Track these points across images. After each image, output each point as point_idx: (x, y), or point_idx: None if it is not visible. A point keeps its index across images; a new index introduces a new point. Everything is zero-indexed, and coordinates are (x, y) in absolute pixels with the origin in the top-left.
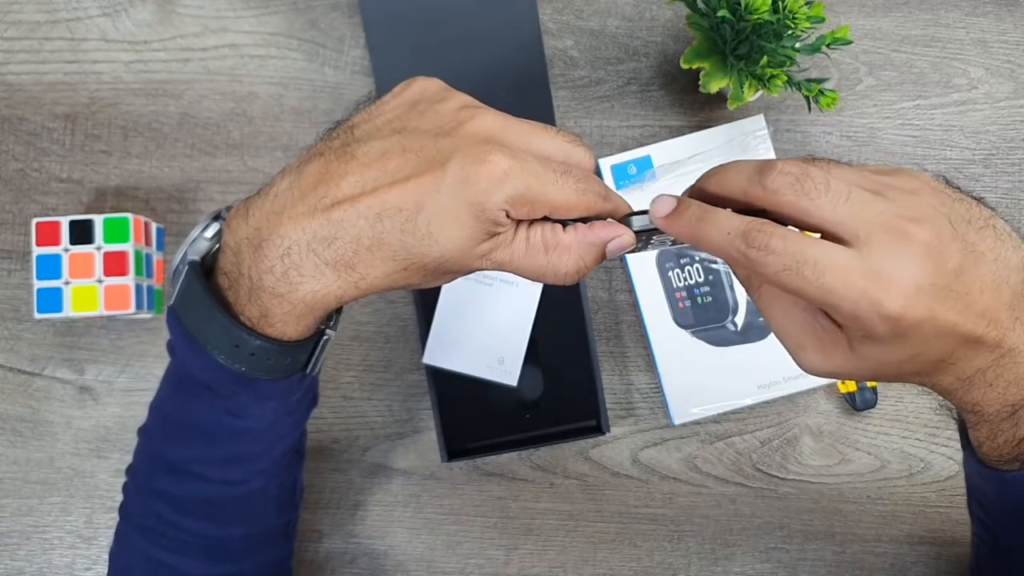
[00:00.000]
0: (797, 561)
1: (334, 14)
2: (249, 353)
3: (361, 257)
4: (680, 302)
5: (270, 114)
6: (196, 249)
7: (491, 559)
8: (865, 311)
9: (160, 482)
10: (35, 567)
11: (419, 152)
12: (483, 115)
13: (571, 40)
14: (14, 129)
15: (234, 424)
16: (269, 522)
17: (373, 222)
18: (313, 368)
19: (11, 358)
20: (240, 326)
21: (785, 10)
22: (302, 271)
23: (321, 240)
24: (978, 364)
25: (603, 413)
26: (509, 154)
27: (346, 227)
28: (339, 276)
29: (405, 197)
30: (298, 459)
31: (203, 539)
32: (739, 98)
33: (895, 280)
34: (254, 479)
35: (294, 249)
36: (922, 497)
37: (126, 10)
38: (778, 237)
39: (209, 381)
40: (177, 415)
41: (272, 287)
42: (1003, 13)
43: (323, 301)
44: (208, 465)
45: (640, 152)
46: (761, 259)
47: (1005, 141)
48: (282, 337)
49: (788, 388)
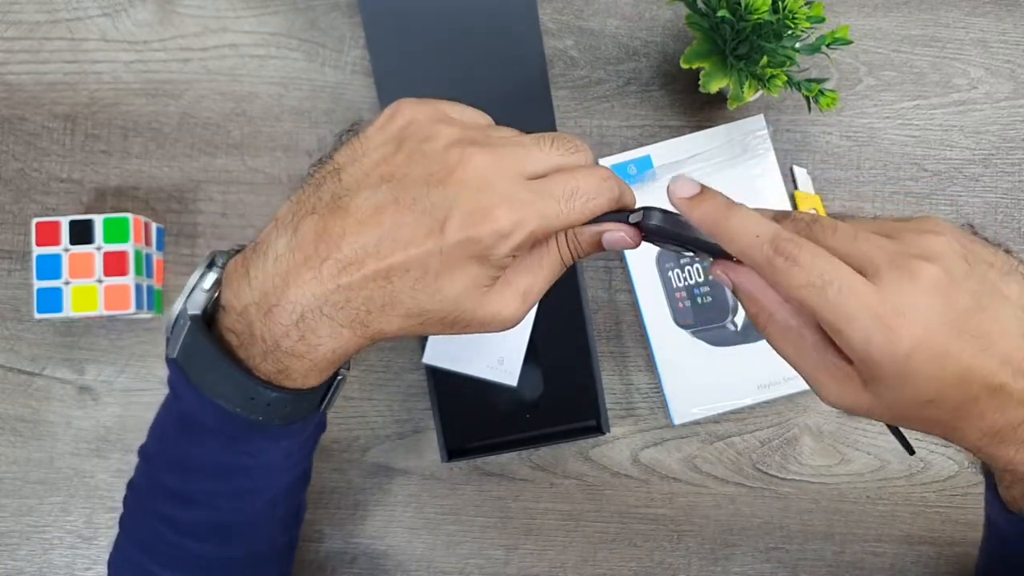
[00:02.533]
0: (797, 561)
1: (334, 14)
2: (266, 404)
3: (375, 316)
4: (680, 302)
5: (270, 114)
6: (195, 302)
7: (491, 559)
8: (877, 345)
9: (162, 506)
10: (35, 567)
11: (412, 206)
12: (472, 157)
13: (571, 40)
14: (14, 129)
15: (248, 461)
16: (273, 541)
17: (383, 284)
18: (328, 406)
19: (11, 358)
20: (256, 381)
21: (785, 10)
22: (319, 334)
23: (333, 305)
24: (1008, 418)
25: (603, 413)
26: (509, 208)
27: (356, 291)
28: (355, 334)
29: (410, 260)
30: (306, 481)
31: (205, 560)
32: (739, 98)
33: (906, 316)
34: (263, 506)
35: (308, 315)
36: (922, 497)
37: (126, 10)
38: (807, 251)
39: (220, 427)
40: (183, 452)
41: (291, 349)
42: (1003, 13)
43: (343, 356)
44: (217, 497)
45: (640, 152)
46: (786, 269)
47: (1005, 141)
48: (302, 388)
49: (788, 388)
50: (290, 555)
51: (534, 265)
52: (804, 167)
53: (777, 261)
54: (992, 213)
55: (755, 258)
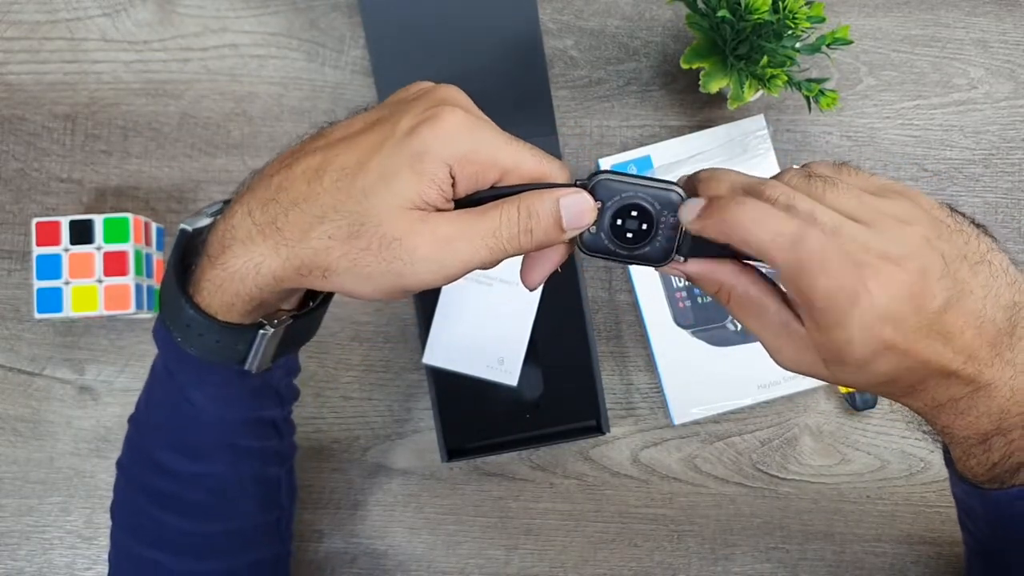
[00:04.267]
0: (797, 561)
1: (334, 14)
2: (185, 324)
3: (290, 217)
4: (680, 302)
5: (270, 114)
6: (193, 221)
7: (491, 559)
8: (855, 349)
9: (141, 474)
10: (35, 567)
11: (378, 119)
12: (449, 86)
13: (571, 40)
14: (14, 129)
15: (188, 410)
16: (253, 519)
17: (311, 180)
18: (251, 363)
19: (11, 358)
20: (181, 291)
21: (785, 10)
22: (236, 235)
23: (261, 203)
24: (951, 394)
25: (603, 413)
26: (462, 111)
27: (286, 188)
28: (264, 240)
29: (349, 157)
30: (278, 459)
31: (185, 535)
32: (739, 98)
33: (885, 320)
34: (222, 471)
35: (238, 213)
36: (922, 497)
37: (126, 10)
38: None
39: (164, 356)
40: (150, 402)
41: (208, 248)
42: (1003, 13)
43: (241, 271)
44: (171, 454)
45: (640, 152)
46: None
47: (1005, 141)
48: (208, 309)
49: (788, 388)
50: (282, 542)
51: (470, 218)
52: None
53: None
54: (992, 213)
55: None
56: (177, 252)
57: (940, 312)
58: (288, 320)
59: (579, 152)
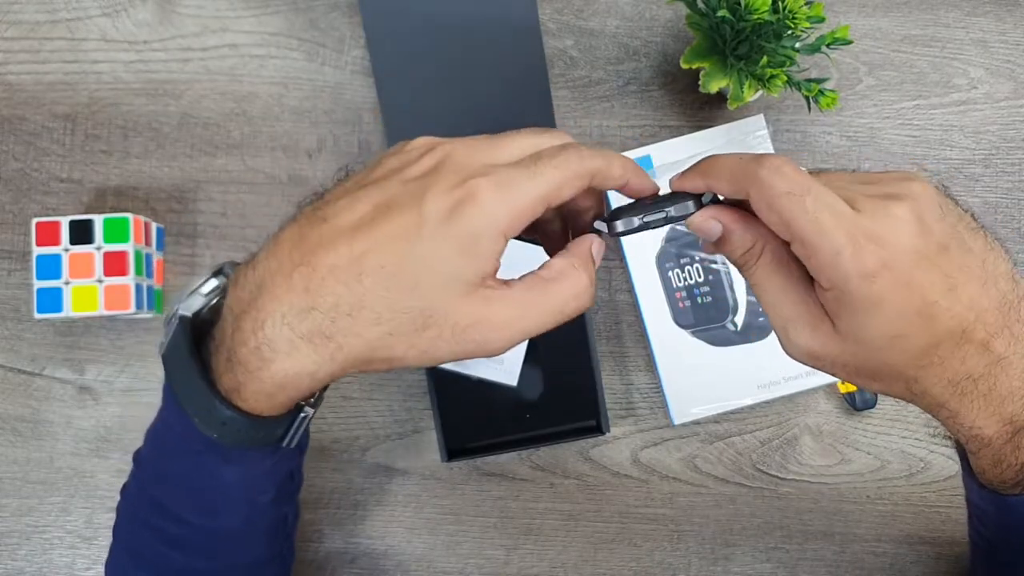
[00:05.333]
0: (797, 561)
1: (334, 14)
2: (220, 422)
3: (340, 325)
4: (680, 302)
5: (270, 114)
6: (190, 304)
7: (491, 559)
8: (846, 259)
9: (147, 514)
10: (35, 567)
11: (390, 201)
12: (444, 145)
13: (571, 40)
14: (14, 129)
15: (211, 482)
16: (258, 554)
17: (353, 285)
18: (289, 443)
19: (11, 358)
20: (214, 394)
21: (785, 10)
22: (275, 347)
23: (297, 312)
24: (969, 367)
25: (603, 413)
26: (488, 180)
27: (324, 295)
28: (315, 350)
29: (384, 253)
30: (289, 499)
31: (192, 571)
32: (739, 98)
33: (879, 238)
34: (237, 524)
35: (268, 323)
36: (922, 497)
37: (126, 10)
38: (791, 165)
39: (186, 439)
40: (164, 462)
41: (245, 361)
42: (1003, 13)
43: (295, 380)
44: (189, 511)
45: (640, 152)
46: (769, 178)
47: (1005, 141)
48: (253, 411)
49: (788, 388)
50: (283, 565)
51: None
52: (804, 167)
53: (762, 172)
54: (992, 213)
55: (744, 171)
56: (186, 344)
57: (941, 249)
58: (322, 396)
59: None
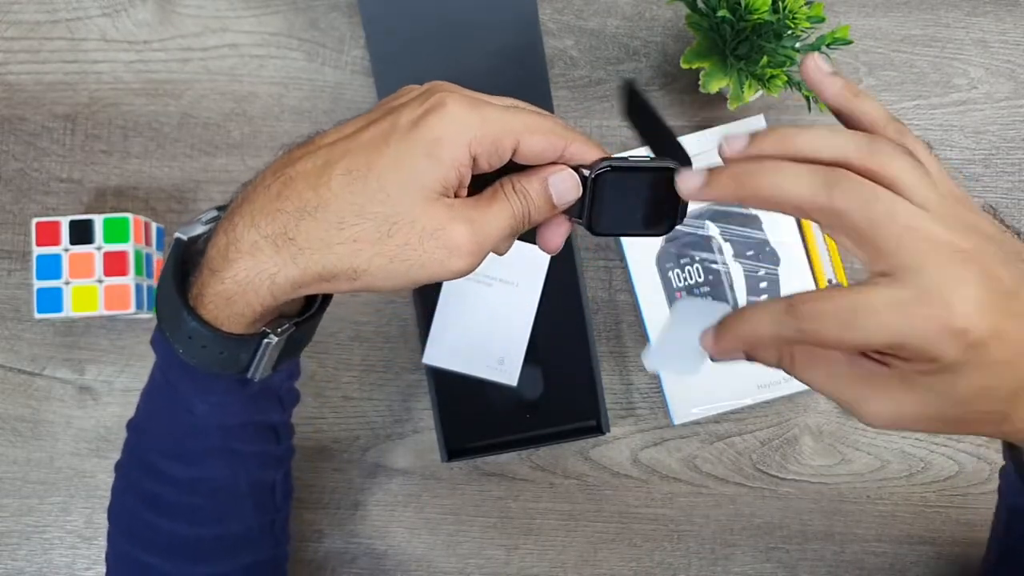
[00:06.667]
0: (797, 561)
1: (334, 14)
2: (187, 336)
3: (303, 226)
4: None
5: (270, 114)
6: (188, 229)
7: (491, 559)
8: (934, 335)
9: (137, 479)
10: (35, 567)
11: (371, 120)
12: (439, 81)
13: (571, 40)
14: (14, 129)
15: (188, 418)
16: (247, 522)
17: (320, 189)
18: (254, 373)
19: (11, 358)
20: (183, 303)
21: (785, 10)
22: (239, 247)
23: (266, 214)
24: None
25: (603, 413)
26: (460, 94)
27: (292, 198)
28: (277, 251)
29: (355, 158)
30: (275, 462)
31: (178, 539)
32: (739, 98)
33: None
34: (219, 475)
35: (239, 225)
36: (922, 497)
37: (126, 10)
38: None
39: (163, 366)
40: (148, 404)
41: (211, 262)
42: (1003, 13)
43: (255, 282)
44: (171, 461)
45: (640, 152)
46: (816, 330)
47: (1005, 141)
48: (214, 322)
49: (788, 388)
50: (276, 545)
51: (486, 206)
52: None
53: (800, 344)
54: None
55: (782, 336)
56: (174, 262)
57: (1012, 294)
58: (291, 328)
59: None
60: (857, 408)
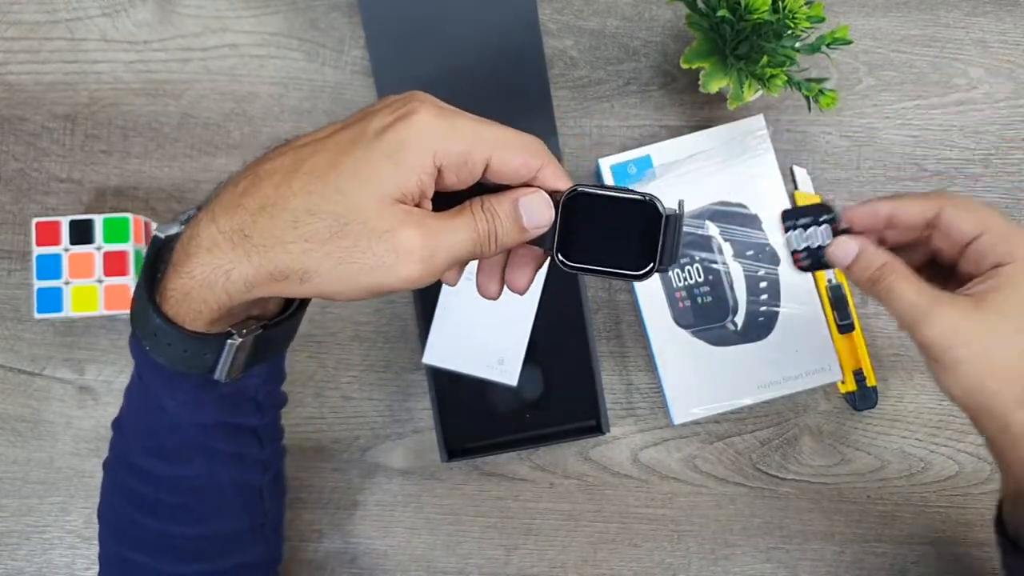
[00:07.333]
0: (797, 561)
1: (334, 14)
2: (152, 332)
3: (259, 224)
4: (680, 302)
5: (270, 114)
6: (166, 228)
7: (491, 559)
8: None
9: (121, 478)
10: (35, 567)
11: (345, 125)
12: (417, 92)
13: (571, 40)
14: (14, 129)
15: (161, 416)
16: (235, 523)
17: (281, 187)
18: (220, 373)
19: (11, 358)
20: (149, 300)
21: (785, 10)
22: (200, 243)
23: (227, 210)
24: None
25: (603, 413)
26: (433, 104)
27: (251, 193)
28: (232, 247)
29: (319, 159)
30: (259, 466)
31: (164, 538)
32: (739, 98)
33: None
34: (198, 473)
35: (203, 220)
36: (922, 497)
37: (126, 10)
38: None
39: (136, 363)
40: (128, 407)
41: (174, 259)
42: (1003, 13)
43: (211, 277)
44: (150, 458)
45: (640, 152)
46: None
47: (1005, 141)
48: (175, 318)
49: (788, 388)
50: (267, 547)
51: (447, 219)
52: (804, 167)
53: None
54: None
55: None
56: (148, 260)
57: None
58: (257, 330)
59: (579, 152)
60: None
